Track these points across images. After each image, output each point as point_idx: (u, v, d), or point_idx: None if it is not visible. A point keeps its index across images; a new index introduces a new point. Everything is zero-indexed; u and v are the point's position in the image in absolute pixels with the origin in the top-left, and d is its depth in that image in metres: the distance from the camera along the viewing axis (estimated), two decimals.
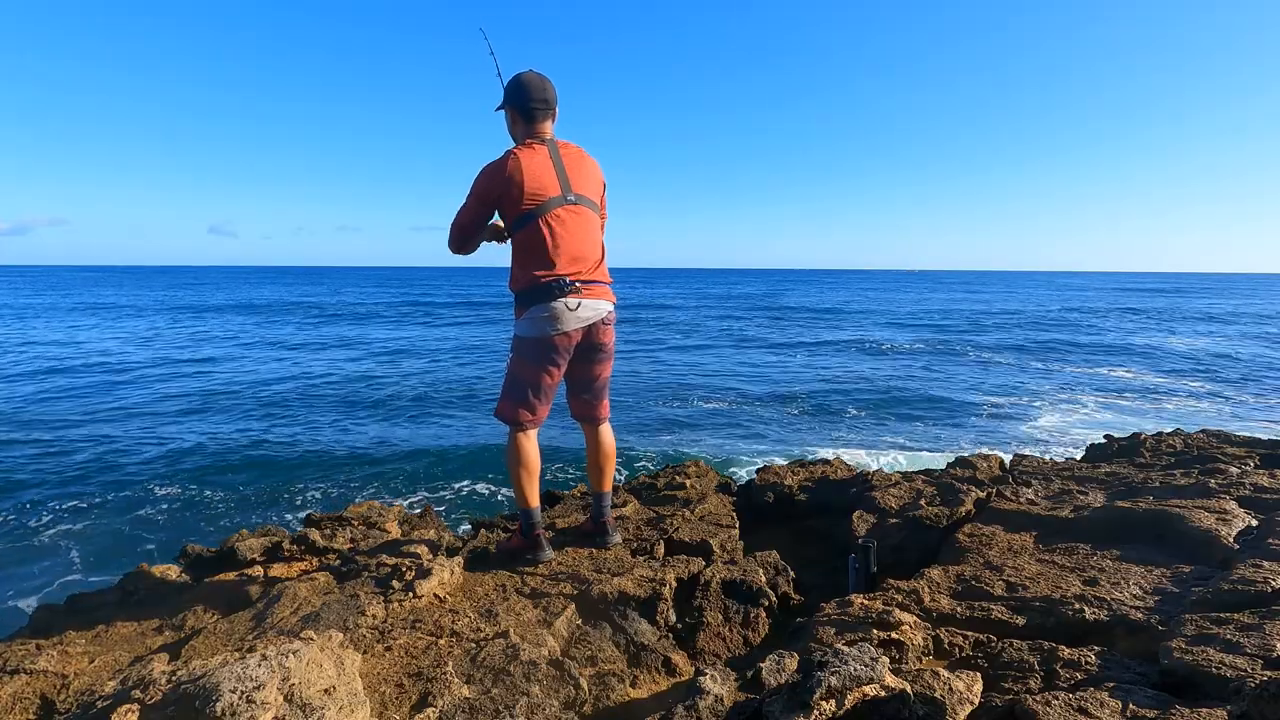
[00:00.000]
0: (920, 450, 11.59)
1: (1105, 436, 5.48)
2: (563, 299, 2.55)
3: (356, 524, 3.60)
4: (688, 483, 3.86)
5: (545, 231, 2.56)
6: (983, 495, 3.54)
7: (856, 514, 3.47)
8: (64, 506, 8.51)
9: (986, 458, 4.51)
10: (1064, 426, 13.39)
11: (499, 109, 2.71)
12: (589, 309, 2.63)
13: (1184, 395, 16.96)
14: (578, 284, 2.57)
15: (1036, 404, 15.74)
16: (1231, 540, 2.76)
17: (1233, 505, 3.09)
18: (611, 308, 2.74)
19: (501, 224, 2.72)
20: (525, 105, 2.61)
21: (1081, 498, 3.47)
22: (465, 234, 2.71)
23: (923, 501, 3.52)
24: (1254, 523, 2.92)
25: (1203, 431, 5.25)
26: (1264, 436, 4.96)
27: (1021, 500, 3.47)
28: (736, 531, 3.20)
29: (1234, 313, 46.83)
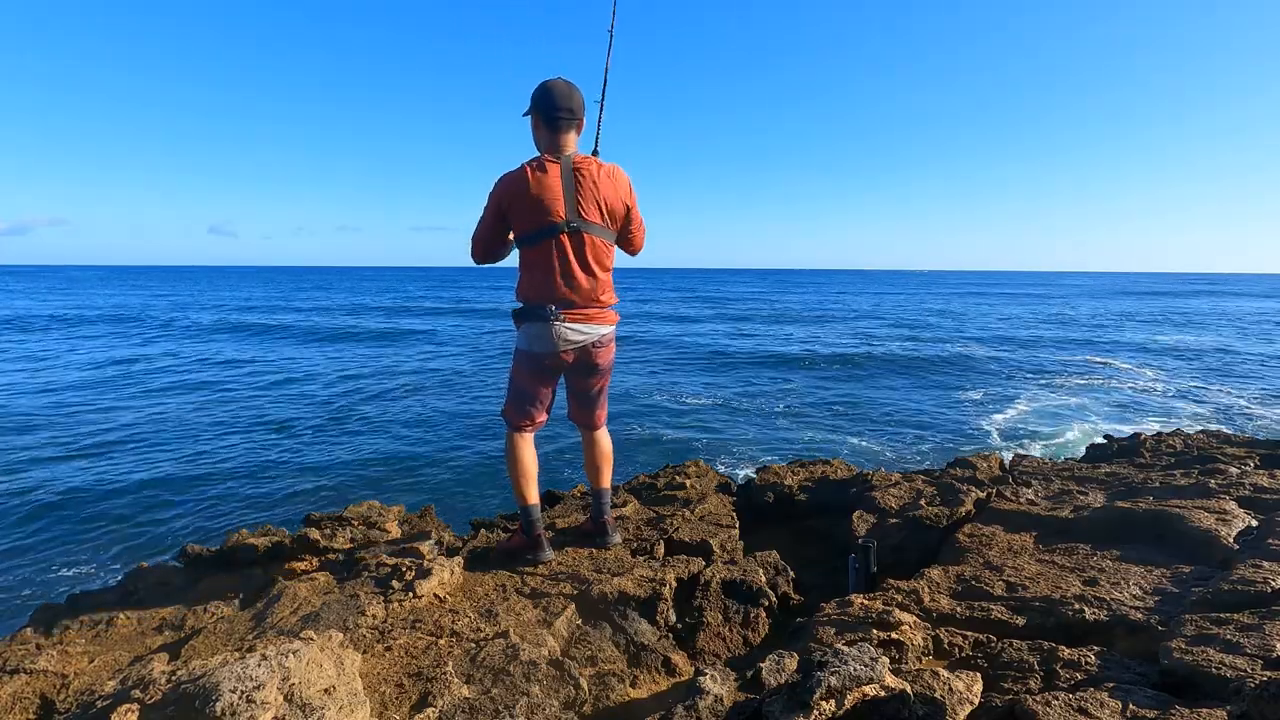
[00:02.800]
0: (919, 450, 11.59)
1: (1105, 436, 5.49)
2: (551, 324, 2.59)
3: (356, 524, 3.60)
4: (688, 483, 3.86)
5: (543, 257, 2.57)
6: (983, 495, 3.54)
7: (856, 514, 3.47)
8: (63, 506, 8.51)
9: (986, 458, 4.51)
10: (1062, 426, 13.39)
11: (525, 114, 2.65)
12: (580, 333, 2.64)
13: (1184, 395, 16.95)
14: (564, 312, 2.59)
15: (1035, 404, 15.73)
16: (1231, 540, 2.76)
17: (1233, 505, 3.09)
18: (607, 330, 2.74)
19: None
20: (550, 113, 2.56)
21: (1081, 498, 3.47)
22: (485, 244, 2.72)
23: (923, 501, 3.52)
24: (1254, 523, 2.92)
25: (1203, 431, 5.25)
26: (1264, 436, 4.95)
27: (1021, 500, 3.47)
28: (736, 531, 3.20)
29: (1234, 312, 46.86)
